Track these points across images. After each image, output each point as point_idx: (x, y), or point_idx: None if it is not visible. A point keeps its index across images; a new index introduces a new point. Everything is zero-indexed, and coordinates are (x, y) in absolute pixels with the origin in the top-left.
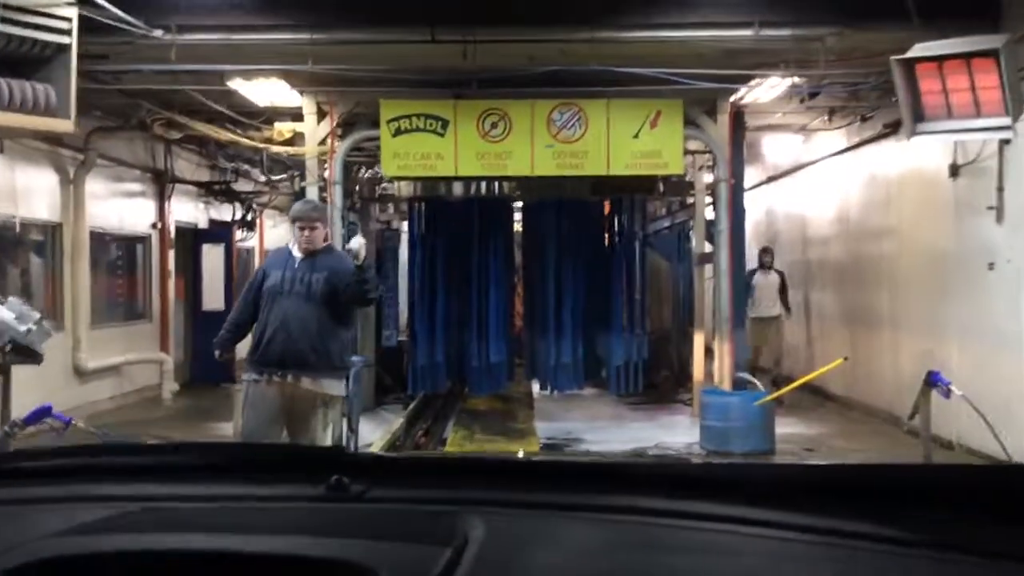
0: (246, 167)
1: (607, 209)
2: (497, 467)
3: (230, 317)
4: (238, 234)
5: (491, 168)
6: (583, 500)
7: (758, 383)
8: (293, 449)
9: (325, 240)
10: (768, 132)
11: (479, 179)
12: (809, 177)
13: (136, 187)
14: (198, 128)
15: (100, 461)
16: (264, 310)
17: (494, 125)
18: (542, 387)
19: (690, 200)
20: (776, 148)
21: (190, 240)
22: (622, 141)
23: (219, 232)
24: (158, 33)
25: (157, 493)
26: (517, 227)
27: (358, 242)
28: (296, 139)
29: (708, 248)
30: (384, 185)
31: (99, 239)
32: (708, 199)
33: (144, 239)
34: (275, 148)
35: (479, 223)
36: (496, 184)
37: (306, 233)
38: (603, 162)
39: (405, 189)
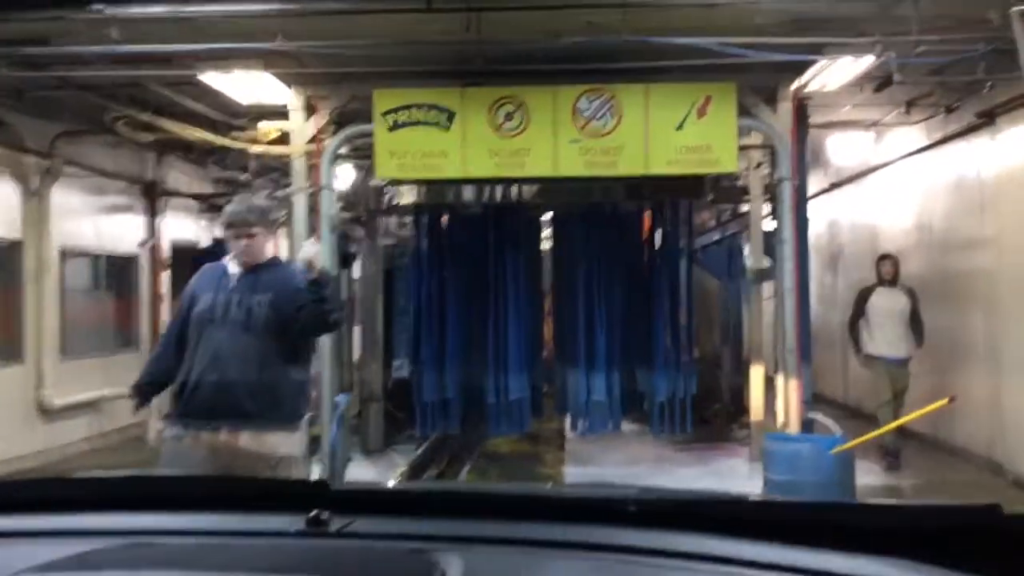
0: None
1: (647, 218)
2: (479, 500)
3: (151, 356)
4: None
5: (506, 168)
6: (563, 536)
7: (833, 425)
8: (274, 482)
9: (272, 251)
10: (832, 130)
11: (493, 182)
12: (881, 181)
13: (121, 200)
14: (166, 127)
15: (78, 494)
16: (191, 345)
17: (509, 116)
18: (572, 426)
19: (743, 208)
20: (841, 149)
21: (189, 260)
22: (663, 133)
23: (220, 251)
24: (98, 7)
25: (135, 526)
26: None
27: (310, 249)
28: (285, 140)
29: (766, 263)
30: (392, 193)
31: (72, 258)
32: (766, 206)
33: (131, 259)
34: (255, 148)
35: (495, 235)
36: (514, 188)
37: (243, 242)
38: (640, 159)
39: (406, 195)
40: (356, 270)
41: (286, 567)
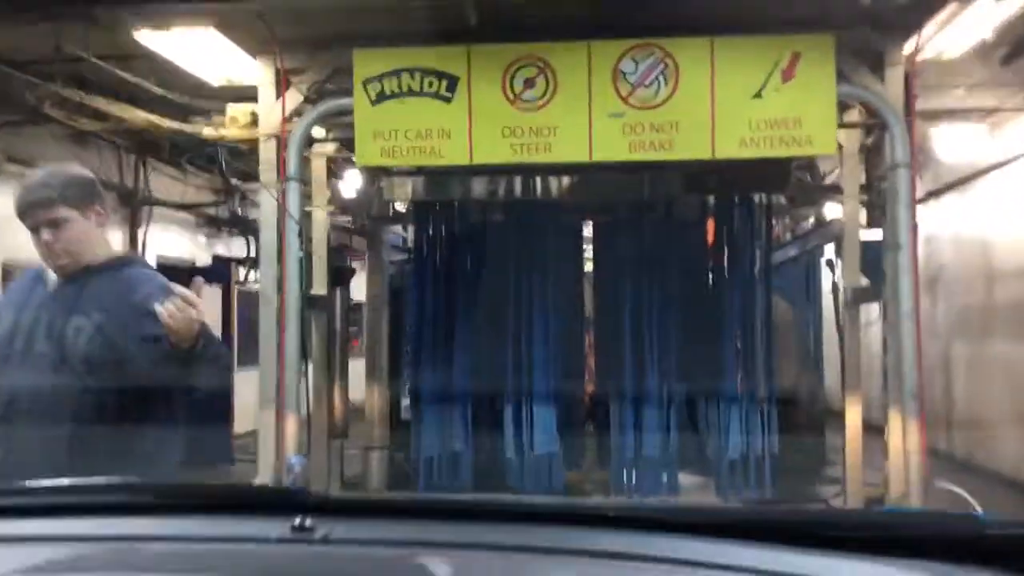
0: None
1: (711, 221)
2: (467, 508)
3: None
4: (243, 273)
5: (525, 152)
6: (550, 542)
7: (968, 498)
8: (257, 488)
9: (107, 246)
10: (937, 122)
11: (510, 171)
12: (996, 185)
13: None
14: (107, 110)
15: (61, 499)
16: None
17: (529, 83)
18: (615, 488)
19: (823, 212)
20: (945, 146)
21: (184, 279)
22: (735, 104)
23: (216, 270)
24: None
25: (117, 532)
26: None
27: (166, 307)
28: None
29: (864, 282)
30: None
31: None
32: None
33: None
34: (207, 132)
35: (517, 245)
36: (538, 180)
37: (45, 236)
38: (704, 139)
39: (398, 189)
40: (357, 289)
41: (270, 573)
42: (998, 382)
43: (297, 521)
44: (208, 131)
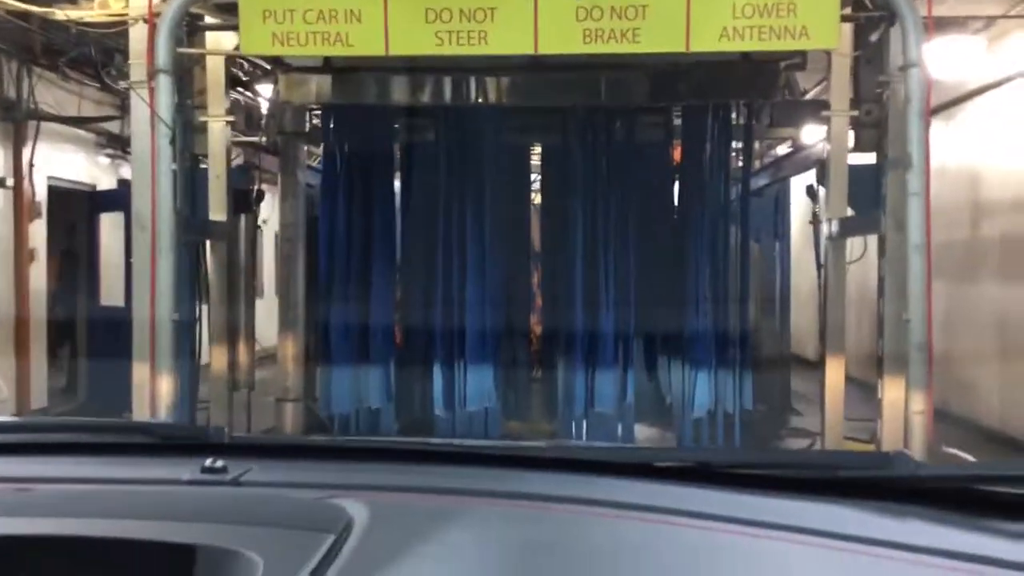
0: None
1: (677, 143)
2: (385, 451)
3: None
4: None
5: (455, 41)
6: (473, 484)
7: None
8: (167, 429)
9: None
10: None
11: (436, 70)
12: (991, 106)
13: None
14: None
15: None
16: None
17: None
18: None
19: (806, 135)
20: (935, 63)
21: (82, 206)
22: None
23: (118, 196)
24: None
25: (13, 473)
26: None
27: None
28: None
29: (849, 212)
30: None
31: None
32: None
33: None
34: (64, 15)
35: (448, 162)
36: (472, 82)
37: None
38: (677, 29)
39: (296, 89)
40: (268, 215)
41: (178, 515)
42: (983, 326)
43: (208, 462)
44: (68, 14)
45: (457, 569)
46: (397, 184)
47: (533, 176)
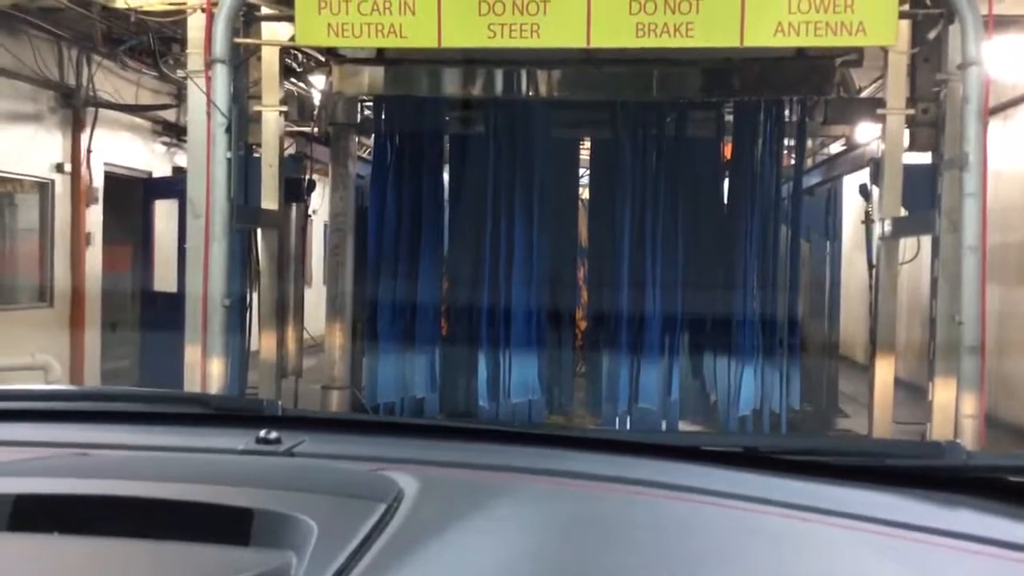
0: None
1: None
2: (434, 428)
3: None
4: None
5: (507, 34)
6: (518, 461)
7: None
8: (222, 401)
9: None
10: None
11: (488, 62)
12: None
13: (21, 108)
14: None
15: (29, 405)
16: None
17: None
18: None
19: (860, 133)
20: (994, 63)
21: (138, 193)
22: None
23: (173, 183)
24: None
25: (75, 439)
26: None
27: None
28: None
29: (902, 212)
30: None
31: None
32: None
33: (41, 187)
34: (117, 3)
35: (498, 155)
36: (523, 75)
37: None
38: (732, 23)
39: (348, 80)
40: (318, 205)
41: (233, 481)
42: None
43: (263, 433)
44: (128, 2)
45: (503, 541)
46: (446, 176)
47: (582, 170)
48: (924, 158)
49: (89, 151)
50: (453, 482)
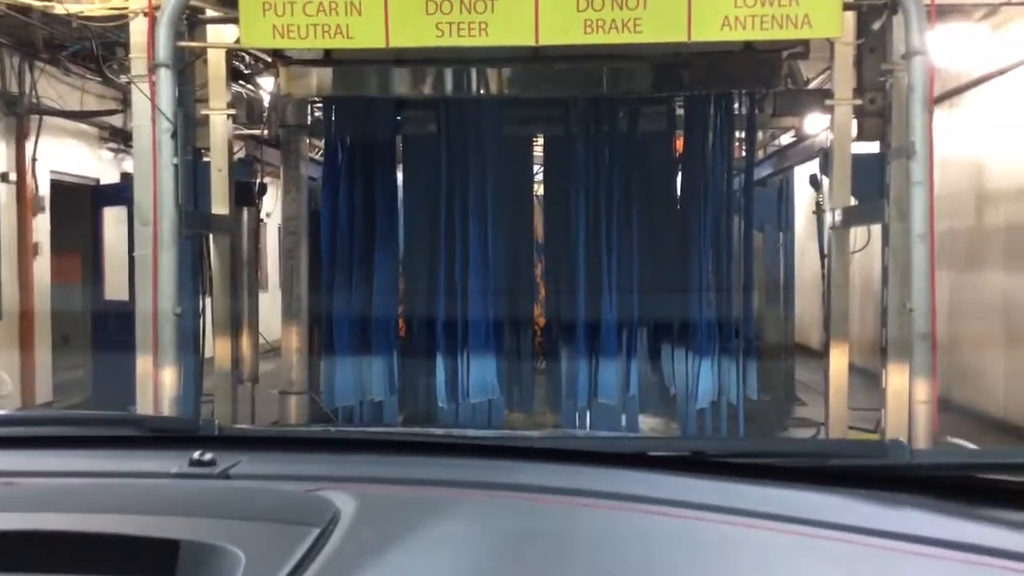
0: None
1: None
2: (376, 443)
3: None
4: None
5: (455, 32)
6: (462, 475)
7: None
8: (157, 422)
9: None
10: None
11: (439, 59)
12: (997, 95)
13: None
14: None
15: None
16: None
17: None
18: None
19: (809, 124)
20: (938, 51)
21: (86, 201)
22: None
23: (122, 189)
24: None
25: (8, 467)
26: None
27: None
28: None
29: (852, 202)
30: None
31: None
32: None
33: None
34: (64, 7)
35: (451, 153)
36: (473, 73)
37: None
38: (679, 18)
39: (296, 82)
40: (271, 208)
41: (163, 509)
42: (987, 315)
43: (197, 455)
44: (68, 8)
45: (444, 562)
46: (399, 176)
47: (536, 167)
48: (872, 147)
49: (34, 159)
50: (393, 500)
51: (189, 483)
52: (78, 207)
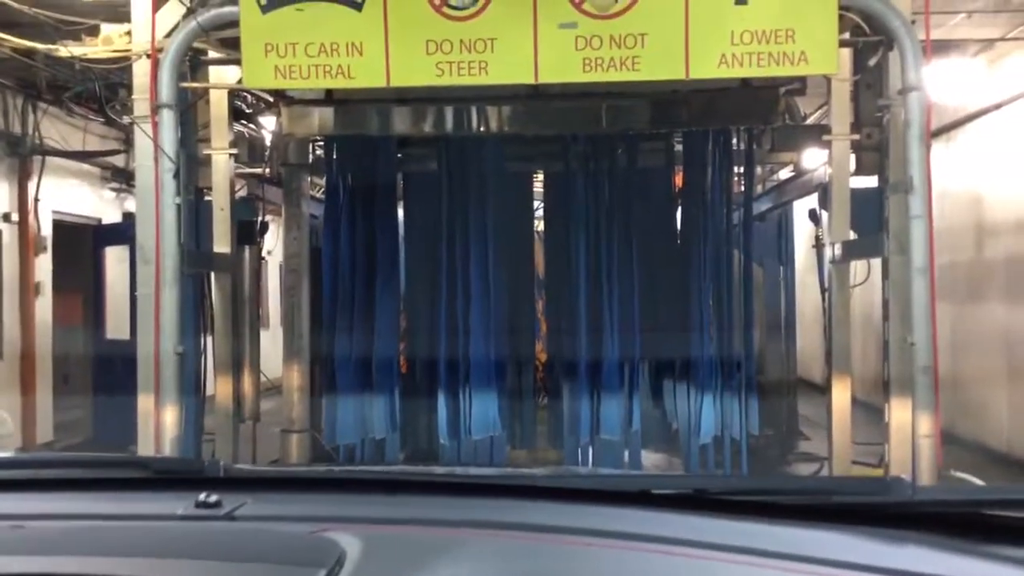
0: None
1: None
2: (380, 482)
3: None
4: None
5: (455, 72)
6: (467, 515)
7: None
8: (162, 463)
9: None
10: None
11: (436, 100)
12: (994, 127)
13: None
14: None
15: None
16: None
17: None
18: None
19: (807, 159)
20: (935, 86)
21: (87, 240)
22: (714, 11)
23: (123, 229)
24: None
25: (12, 510)
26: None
27: None
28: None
29: (851, 236)
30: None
31: None
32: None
33: None
34: (68, 51)
35: (452, 192)
36: (473, 111)
37: None
38: (676, 56)
39: (298, 121)
40: (272, 246)
41: (171, 551)
42: (989, 348)
43: (202, 496)
44: (71, 51)
45: None
46: (400, 214)
47: (536, 204)
48: (871, 182)
49: (37, 199)
50: (398, 541)
51: (195, 525)
52: (80, 247)
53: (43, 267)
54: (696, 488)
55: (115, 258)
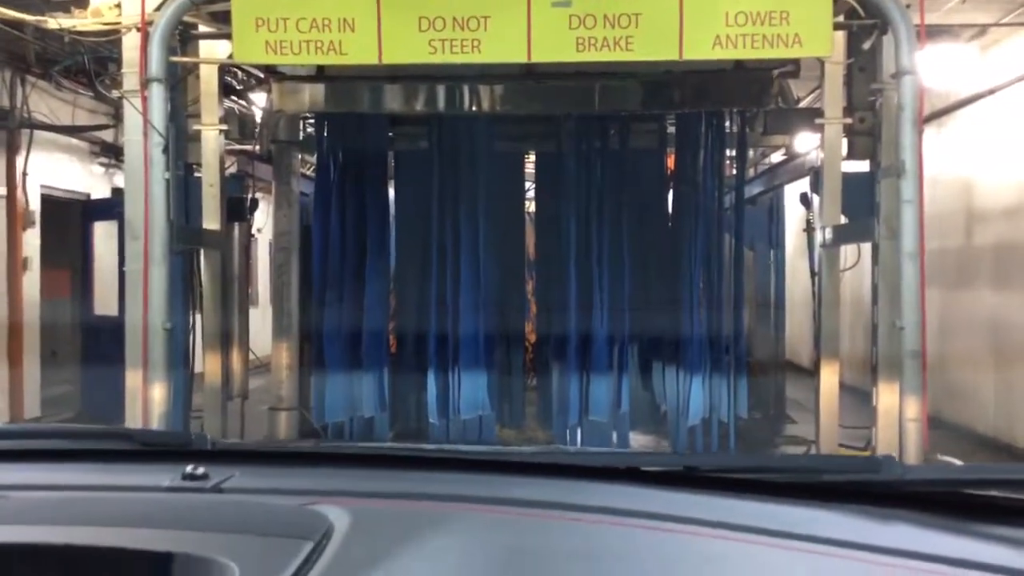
0: None
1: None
2: (369, 457)
3: None
4: None
5: (448, 50)
6: (455, 490)
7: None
8: (149, 435)
9: None
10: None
11: (429, 78)
12: (985, 114)
13: None
14: None
15: None
16: None
17: None
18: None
19: (799, 143)
20: (928, 71)
21: (76, 215)
22: None
23: (112, 204)
24: None
25: (1, 481)
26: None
27: None
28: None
29: (842, 220)
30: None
31: None
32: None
33: None
34: (57, 23)
35: (443, 170)
36: (466, 91)
37: None
38: (670, 37)
39: (289, 98)
40: (262, 224)
41: (157, 522)
42: (976, 333)
43: (189, 468)
44: (61, 23)
45: (437, 575)
46: (391, 192)
47: (527, 184)
48: (862, 166)
49: (25, 174)
50: (386, 514)
51: (182, 497)
52: (68, 222)
53: (31, 242)
54: (685, 465)
55: (104, 233)
